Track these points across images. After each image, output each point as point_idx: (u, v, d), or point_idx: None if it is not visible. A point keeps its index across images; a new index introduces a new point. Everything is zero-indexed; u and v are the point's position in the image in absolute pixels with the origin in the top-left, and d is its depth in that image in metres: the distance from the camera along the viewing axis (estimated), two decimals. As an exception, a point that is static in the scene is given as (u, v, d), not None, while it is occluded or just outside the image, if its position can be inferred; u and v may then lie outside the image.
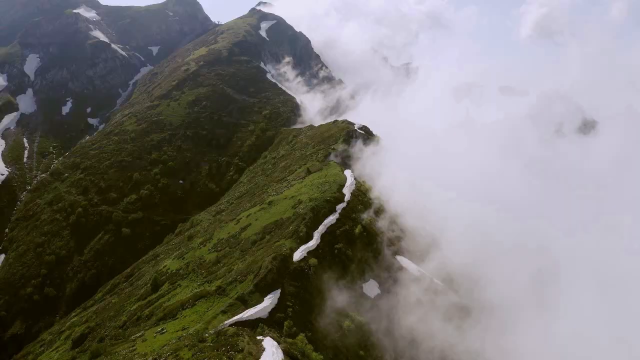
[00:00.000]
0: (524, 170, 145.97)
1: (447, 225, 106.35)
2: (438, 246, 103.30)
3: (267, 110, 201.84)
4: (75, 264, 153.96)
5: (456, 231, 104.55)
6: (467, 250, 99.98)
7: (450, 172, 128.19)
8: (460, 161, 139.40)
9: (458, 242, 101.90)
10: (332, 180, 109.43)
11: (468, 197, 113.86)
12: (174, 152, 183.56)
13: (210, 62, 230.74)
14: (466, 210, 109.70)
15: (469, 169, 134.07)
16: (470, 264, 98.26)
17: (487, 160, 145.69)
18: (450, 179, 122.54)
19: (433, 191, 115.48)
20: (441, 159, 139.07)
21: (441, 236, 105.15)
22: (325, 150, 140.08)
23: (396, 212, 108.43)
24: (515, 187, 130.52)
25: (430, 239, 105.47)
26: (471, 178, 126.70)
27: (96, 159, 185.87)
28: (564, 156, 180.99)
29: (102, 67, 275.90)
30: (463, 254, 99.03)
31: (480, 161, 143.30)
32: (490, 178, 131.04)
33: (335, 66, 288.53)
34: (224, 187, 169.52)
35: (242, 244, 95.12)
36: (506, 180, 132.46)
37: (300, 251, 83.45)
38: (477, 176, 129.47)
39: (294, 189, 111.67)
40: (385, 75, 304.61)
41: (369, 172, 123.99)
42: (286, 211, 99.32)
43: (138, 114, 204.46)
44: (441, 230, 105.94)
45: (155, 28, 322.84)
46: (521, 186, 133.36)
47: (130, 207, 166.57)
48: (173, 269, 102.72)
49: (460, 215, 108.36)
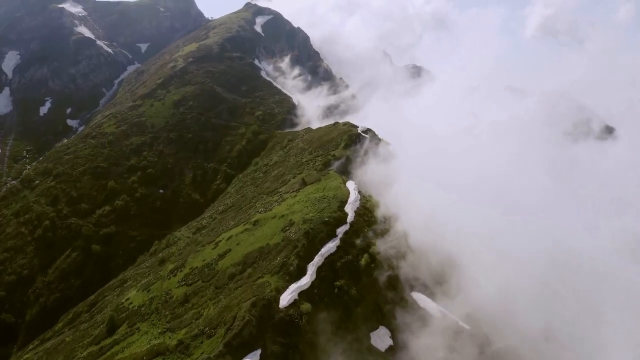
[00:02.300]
0: (545, 175, 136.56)
1: (468, 245, 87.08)
2: (461, 274, 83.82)
3: (260, 111, 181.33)
4: (38, 286, 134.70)
5: (479, 251, 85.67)
6: (494, 278, 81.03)
7: (469, 179, 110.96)
8: (479, 168, 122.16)
9: (483, 268, 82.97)
10: (332, 194, 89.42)
11: (489, 208, 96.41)
12: (155, 157, 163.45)
13: (200, 59, 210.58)
14: (489, 226, 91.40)
15: (491, 177, 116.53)
16: (499, 295, 79.34)
17: (506, 166, 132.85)
18: (470, 187, 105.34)
19: (450, 202, 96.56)
20: (456, 165, 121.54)
21: (463, 262, 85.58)
22: (324, 157, 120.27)
23: (409, 232, 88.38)
24: (539, 193, 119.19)
25: (451, 263, 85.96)
26: (491, 186, 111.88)
27: (69, 164, 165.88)
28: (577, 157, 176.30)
29: (86, 64, 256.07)
30: (489, 284, 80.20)
31: (498, 167, 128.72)
32: (510, 184, 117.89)
33: (336, 64, 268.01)
34: (210, 198, 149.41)
35: (217, 277, 75.43)
36: (528, 186, 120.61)
37: (290, 292, 63.79)
38: (497, 183, 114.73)
39: (285, 205, 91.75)
40: (389, 75, 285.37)
41: (376, 184, 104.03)
42: (274, 235, 79.45)
43: (118, 115, 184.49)
44: (462, 253, 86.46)
45: (145, 24, 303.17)
46: (546, 193, 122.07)
47: (102, 220, 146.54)
48: (135, 304, 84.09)
49: (482, 231, 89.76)
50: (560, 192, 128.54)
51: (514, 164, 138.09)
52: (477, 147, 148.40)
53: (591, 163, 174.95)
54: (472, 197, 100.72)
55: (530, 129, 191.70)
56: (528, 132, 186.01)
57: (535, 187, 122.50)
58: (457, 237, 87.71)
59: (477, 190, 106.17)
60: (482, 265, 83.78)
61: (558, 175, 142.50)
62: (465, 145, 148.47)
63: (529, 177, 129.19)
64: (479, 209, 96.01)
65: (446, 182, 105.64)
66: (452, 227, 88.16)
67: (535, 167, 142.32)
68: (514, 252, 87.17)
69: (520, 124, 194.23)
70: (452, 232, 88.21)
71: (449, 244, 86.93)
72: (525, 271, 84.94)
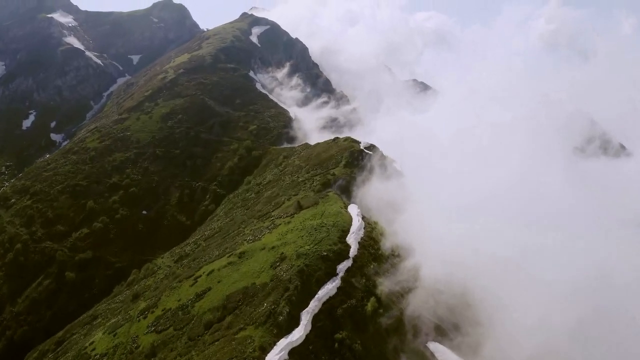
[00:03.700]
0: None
1: (493, 273, 74.06)
2: (487, 314, 70.49)
3: (254, 126, 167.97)
4: (6, 317, 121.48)
5: (506, 279, 72.85)
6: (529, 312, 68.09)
7: (484, 198, 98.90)
8: (495, 185, 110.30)
9: (514, 300, 70.01)
10: (332, 222, 76.13)
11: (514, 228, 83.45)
12: (139, 175, 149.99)
13: (191, 70, 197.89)
14: (517, 248, 78.56)
15: (508, 194, 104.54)
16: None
17: (525, 181, 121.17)
18: (487, 206, 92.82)
19: (468, 226, 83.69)
20: (469, 183, 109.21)
21: (488, 296, 72.38)
22: (322, 176, 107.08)
23: (422, 265, 74.92)
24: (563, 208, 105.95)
25: (474, 301, 72.70)
26: (509, 203, 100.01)
27: (48, 182, 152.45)
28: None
29: (73, 76, 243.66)
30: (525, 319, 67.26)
31: (520, 184, 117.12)
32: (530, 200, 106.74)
33: (336, 76, 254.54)
34: (197, 220, 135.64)
35: (192, 324, 62.00)
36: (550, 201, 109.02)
37: (278, 352, 50.53)
38: (516, 200, 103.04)
39: (276, 234, 78.43)
40: (391, 88, 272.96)
41: (381, 208, 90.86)
42: (262, 272, 66.13)
43: (102, 129, 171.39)
44: (487, 287, 73.26)
45: (138, 35, 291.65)
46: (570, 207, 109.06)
47: (79, 244, 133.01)
48: (98, 351, 70.58)
49: (508, 255, 76.94)
50: (584, 207, 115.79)
51: (531, 176, 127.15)
52: (491, 163, 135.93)
53: (606, 178, 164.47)
54: (491, 216, 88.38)
55: (543, 143, 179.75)
56: (541, 146, 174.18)
57: (557, 202, 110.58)
58: (480, 266, 74.60)
59: (497, 209, 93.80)
60: (513, 296, 70.79)
61: (578, 191, 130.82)
62: (478, 161, 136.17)
63: (549, 191, 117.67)
64: (501, 229, 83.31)
65: (460, 202, 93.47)
66: (473, 254, 75.02)
67: (553, 181, 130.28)
68: (549, 277, 74.03)
69: (533, 137, 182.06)
70: (474, 260, 75.06)
71: (470, 275, 73.76)
72: (568, 298, 71.61)
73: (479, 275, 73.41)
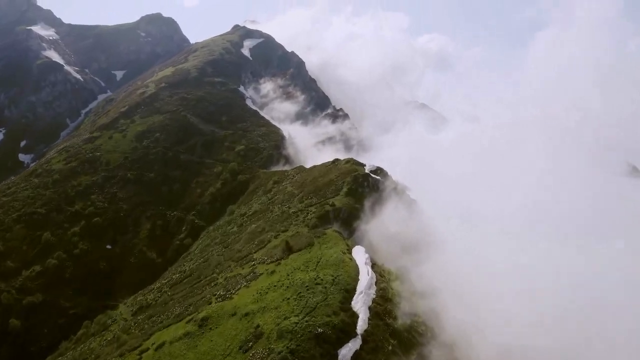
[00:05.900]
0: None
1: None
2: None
3: (242, 146, 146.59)
4: None
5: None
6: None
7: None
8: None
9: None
10: (331, 276, 54.55)
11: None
12: (105, 202, 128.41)
13: (174, 84, 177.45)
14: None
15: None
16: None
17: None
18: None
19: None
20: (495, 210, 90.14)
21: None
22: (319, 207, 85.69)
23: (460, 336, 53.43)
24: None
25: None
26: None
27: (4, 209, 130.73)
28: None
29: (49, 91, 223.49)
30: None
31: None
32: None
33: (334, 93, 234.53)
34: (169, 257, 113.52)
35: None
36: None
37: None
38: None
39: (254, 290, 56.86)
40: (394, 108, 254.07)
41: (395, 250, 69.67)
42: (226, 356, 44.56)
43: (71, 149, 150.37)
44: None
45: (123, 49, 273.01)
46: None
47: (28, 284, 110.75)
48: None
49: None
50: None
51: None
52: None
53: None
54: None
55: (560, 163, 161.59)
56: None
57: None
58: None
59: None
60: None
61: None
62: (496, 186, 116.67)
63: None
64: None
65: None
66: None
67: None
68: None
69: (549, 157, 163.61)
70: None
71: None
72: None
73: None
